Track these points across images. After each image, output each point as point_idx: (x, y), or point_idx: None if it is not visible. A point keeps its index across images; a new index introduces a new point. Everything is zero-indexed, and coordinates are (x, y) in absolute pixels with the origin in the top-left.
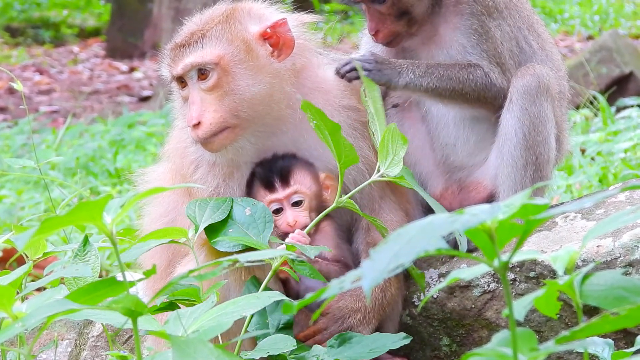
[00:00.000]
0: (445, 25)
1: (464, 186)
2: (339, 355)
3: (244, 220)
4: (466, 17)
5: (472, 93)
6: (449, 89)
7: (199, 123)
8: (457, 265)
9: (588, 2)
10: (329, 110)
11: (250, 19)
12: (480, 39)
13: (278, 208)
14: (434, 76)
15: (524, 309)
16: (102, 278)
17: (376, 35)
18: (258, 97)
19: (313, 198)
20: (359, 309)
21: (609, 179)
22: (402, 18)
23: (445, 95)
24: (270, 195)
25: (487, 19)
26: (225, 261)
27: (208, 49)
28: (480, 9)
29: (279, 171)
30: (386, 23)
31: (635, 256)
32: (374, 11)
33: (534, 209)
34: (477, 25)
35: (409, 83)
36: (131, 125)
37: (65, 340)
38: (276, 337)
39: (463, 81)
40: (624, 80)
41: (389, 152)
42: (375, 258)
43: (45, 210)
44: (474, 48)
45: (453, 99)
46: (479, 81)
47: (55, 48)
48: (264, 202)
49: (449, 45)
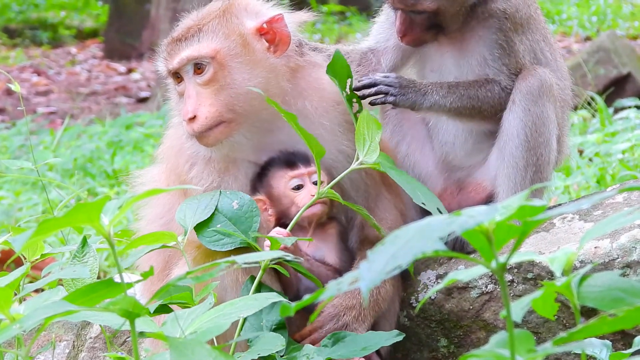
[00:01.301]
0: (471, 35)
1: (463, 187)
2: (332, 354)
3: (231, 214)
4: (493, 32)
5: (490, 110)
6: (468, 107)
7: (194, 117)
8: (455, 267)
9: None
10: (324, 107)
11: (247, 14)
12: (503, 53)
13: (299, 185)
14: (456, 96)
15: (522, 311)
16: (100, 279)
17: (402, 38)
18: (254, 92)
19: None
20: (354, 306)
21: (607, 180)
22: (432, 29)
23: (465, 113)
24: (292, 172)
25: (513, 35)
26: (223, 262)
27: (204, 43)
28: (509, 25)
29: (300, 153)
30: (415, 30)
31: (632, 257)
32: (406, 17)
33: (531, 211)
34: (502, 41)
35: (434, 104)
36: (129, 127)
37: (63, 341)
38: (267, 338)
39: (482, 99)
40: (621, 81)
41: (365, 139)
42: (372, 259)
43: (43, 212)
44: (495, 62)
45: (471, 117)
46: (496, 97)
47: (53, 49)
48: (284, 181)
49: (470, 55)
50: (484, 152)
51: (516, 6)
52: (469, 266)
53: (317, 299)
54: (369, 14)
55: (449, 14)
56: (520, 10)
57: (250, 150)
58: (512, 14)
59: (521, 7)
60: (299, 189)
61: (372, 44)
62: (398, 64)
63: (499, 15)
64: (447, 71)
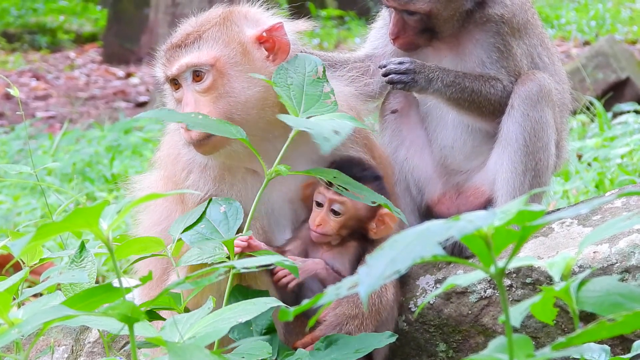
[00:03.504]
0: (468, 39)
1: (462, 191)
2: (325, 357)
3: (216, 217)
4: (491, 35)
5: (489, 106)
6: (468, 100)
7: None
8: (454, 272)
9: (585, 7)
10: None
11: (247, 22)
12: (501, 57)
13: (319, 203)
14: (459, 87)
15: (521, 315)
16: (98, 284)
17: (395, 40)
18: (252, 100)
19: (354, 219)
20: (356, 315)
21: (606, 184)
22: (425, 32)
23: (464, 105)
24: (322, 188)
25: (510, 39)
26: (222, 267)
27: (204, 50)
28: (507, 29)
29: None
30: (408, 32)
31: (631, 262)
32: (400, 18)
33: (530, 216)
34: (500, 44)
35: (437, 91)
36: (128, 131)
37: (61, 346)
38: (256, 343)
39: (485, 94)
40: (620, 86)
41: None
42: (371, 264)
43: (41, 216)
44: (493, 64)
45: (470, 110)
46: (497, 95)
47: (51, 54)
48: (317, 191)
49: (468, 58)
50: (483, 156)
51: (513, 11)
52: (468, 271)
53: (316, 304)
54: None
55: (442, 18)
56: (517, 15)
57: (247, 158)
58: (509, 19)
59: (518, 12)
60: (319, 206)
61: (370, 50)
62: None
63: (497, 19)
64: None
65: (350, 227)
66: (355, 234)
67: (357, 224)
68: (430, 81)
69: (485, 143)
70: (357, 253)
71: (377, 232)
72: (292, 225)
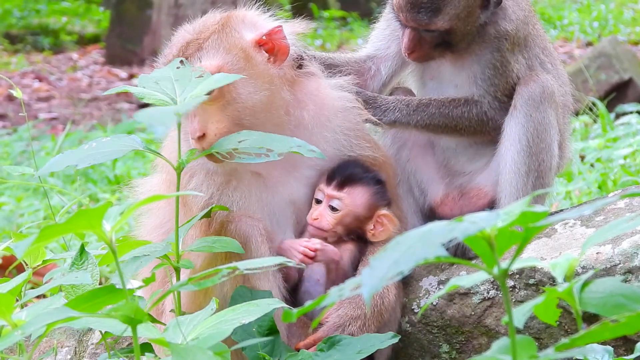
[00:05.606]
0: (469, 52)
1: (465, 192)
2: (328, 358)
3: None
4: (489, 51)
5: (467, 128)
6: (441, 125)
7: (203, 135)
8: (457, 273)
9: (587, 8)
10: (326, 116)
11: (245, 27)
12: (495, 74)
13: (319, 200)
14: (425, 114)
15: (524, 316)
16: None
17: (410, 54)
18: (260, 104)
19: (351, 217)
20: (359, 316)
21: (609, 185)
22: (440, 46)
23: (438, 130)
24: (322, 185)
25: (509, 55)
26: (225, 269)
27: (207, 61)
28: (507, 45)
29: (346, 175)
30: (424, 47)
31: (634, 263)
32: (416, 35)
33: (533, 217)
34: (497, 61)
35: (396, 121)
36: (130, 132)
37: (64, 347)
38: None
39: (457, 118)
40: (623, 87)
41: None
42: (374, 265)
43: (44, 218)
44: (484, 82)
45: (447, 133)
46: (474, 118)
47: (54, 55)
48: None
49: (463, 71)
50: (485, 157)
51: (517, 26)
52: (471, 272)
53: (319, 305)
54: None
55: (460, 33)
56: (519, 30)
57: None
58: (513, 35)
59: (521, 26)
60: (318, 203)
61: (371, 51)
62: (398, 71)
63: (501, 35)
64: (446, 79)
65: (348, 225)
66: (353, 235)
67: (355, 222)
68: (385, 111)
69: (488, 145)
70: (354, 257)
71: (375, 234)
72: (294, 226)
